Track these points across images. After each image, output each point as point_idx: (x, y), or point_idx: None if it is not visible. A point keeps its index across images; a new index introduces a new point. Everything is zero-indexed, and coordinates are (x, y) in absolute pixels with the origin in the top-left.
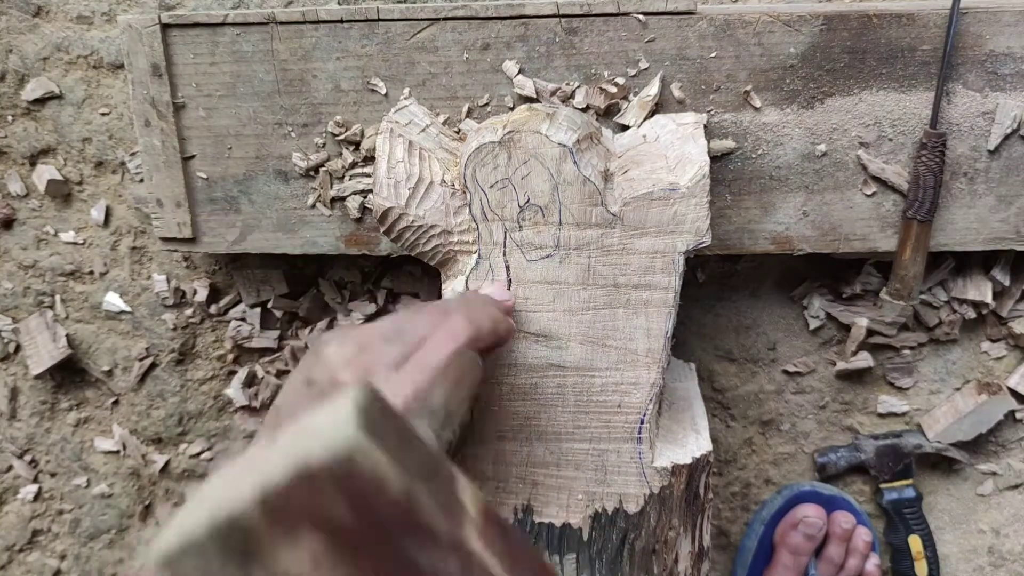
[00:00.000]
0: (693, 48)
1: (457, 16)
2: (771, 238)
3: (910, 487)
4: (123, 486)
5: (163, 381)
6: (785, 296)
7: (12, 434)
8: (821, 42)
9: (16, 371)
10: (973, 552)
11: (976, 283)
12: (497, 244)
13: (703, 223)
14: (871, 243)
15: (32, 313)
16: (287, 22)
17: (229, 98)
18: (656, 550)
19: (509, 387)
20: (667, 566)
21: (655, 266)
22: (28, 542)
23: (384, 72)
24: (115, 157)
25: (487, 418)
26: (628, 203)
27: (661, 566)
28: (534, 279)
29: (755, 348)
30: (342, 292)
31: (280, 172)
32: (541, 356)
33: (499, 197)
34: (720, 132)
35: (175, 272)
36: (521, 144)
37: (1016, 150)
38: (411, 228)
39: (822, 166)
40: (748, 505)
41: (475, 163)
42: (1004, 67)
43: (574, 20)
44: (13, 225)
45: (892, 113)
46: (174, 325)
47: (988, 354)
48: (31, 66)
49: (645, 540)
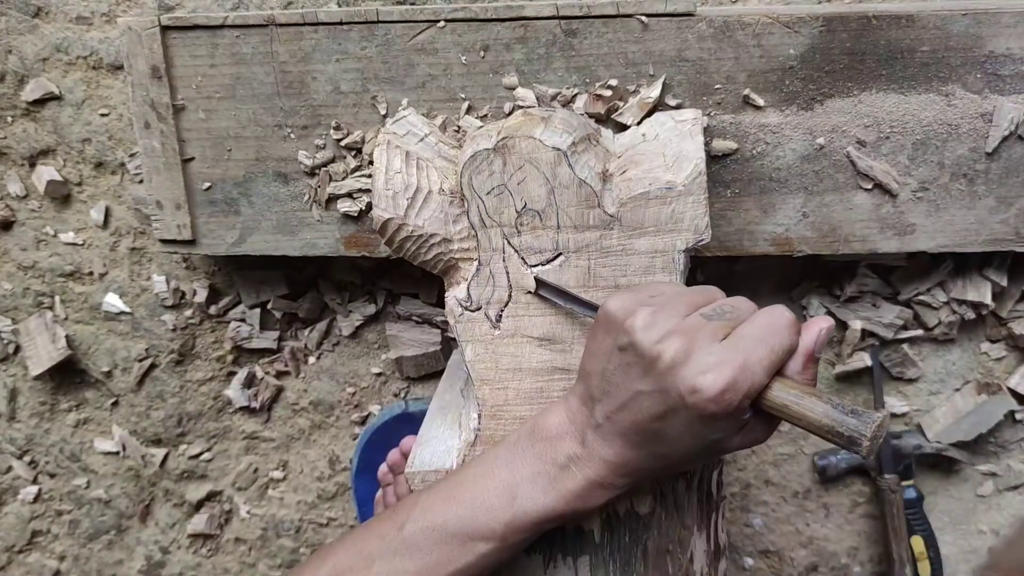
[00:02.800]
0: (692, 49)
1: (457, 18)
2: (771, 239)
3: (911, 488)
4: (123, 487)
5: (162, 382)
6: (784, 297)
7: (12, 435)
8: (820, 43)
9: (16, 372)
10: (973, 553)
11: (975, 284)
12: (497, 250)
13: (702, 220)
14: (871, 244)
15: (32, 314)
16: (286, 24)
17: (229, 100)
18: (670, 550)
19: (515, 392)
20: (682, 565)
21: (655, 266)
22: (28, 543)
23: (383, 74)
24: (115, 158)
25: (494, 424)
26: (625, 203)
27: (676, 566)
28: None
29: None
30: (342, 293)
31: (280, 174)
32: (546, 360)
33: (496, 203)
34: (720, 133)
35: (175, 273)
36: (515, 150)
37: (1015, 151)
38: (411, 238)
39: (821, 167)
40: (748, 506)
41: (471, 171)
42: (1003, 68)
43: (573, 22)
44: (12, 226)
45: (891, 114)
46: (174, 326)
47: (988, 354)
48: (31, 67)
49: (658, 540)
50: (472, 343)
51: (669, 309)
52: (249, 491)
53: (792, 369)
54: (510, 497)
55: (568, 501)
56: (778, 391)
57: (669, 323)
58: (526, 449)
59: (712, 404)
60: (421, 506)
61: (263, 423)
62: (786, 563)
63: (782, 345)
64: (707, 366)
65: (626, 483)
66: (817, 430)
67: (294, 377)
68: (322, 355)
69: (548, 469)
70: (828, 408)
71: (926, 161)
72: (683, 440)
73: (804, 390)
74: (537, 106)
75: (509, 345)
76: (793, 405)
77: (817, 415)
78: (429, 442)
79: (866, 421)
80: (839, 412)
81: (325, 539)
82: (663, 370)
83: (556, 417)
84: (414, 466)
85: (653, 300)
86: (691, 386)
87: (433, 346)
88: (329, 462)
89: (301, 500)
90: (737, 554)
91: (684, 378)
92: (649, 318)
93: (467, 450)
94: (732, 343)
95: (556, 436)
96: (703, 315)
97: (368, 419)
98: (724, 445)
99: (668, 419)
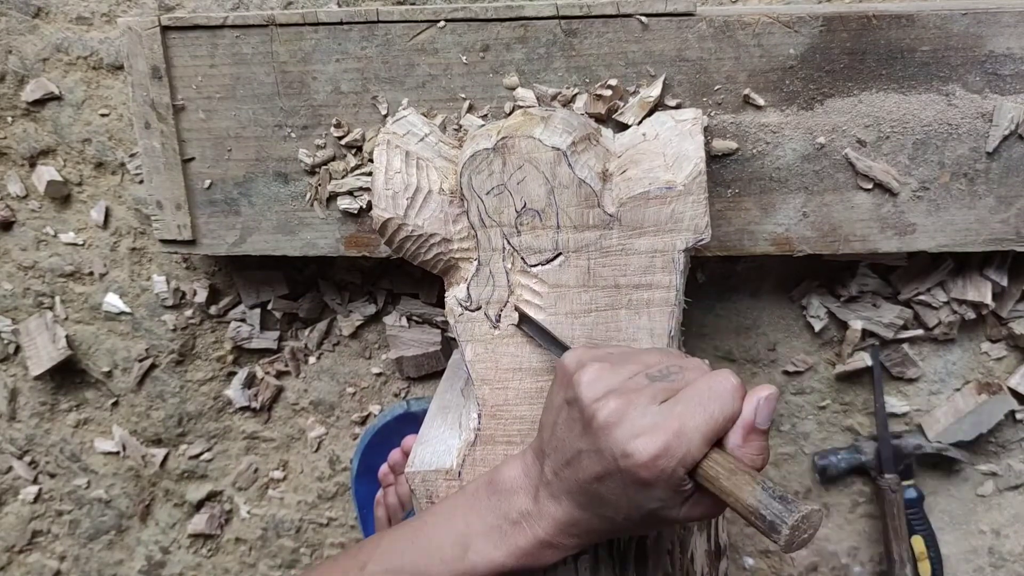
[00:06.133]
0: (692, 49)
1: (457, 18)
2: (771, 239)
3: (912, 487)
4: (123, 487)
5: (163, 382)
6: (784, 297)
7: (12, 435)
8: (820, 43)
9: (16, 372)
10: (973, 553)
11: (976, 284)
12: (496, 250)
13: (702, 220)
14: (871, 244)
15: (32, 314)
16: (287, 24)
17: (229, 100)
18: (671, 549)
19: (515, 392)
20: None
21: (655, 265)
22: (28, 543)
23: (384, 74)
24: (115, 158)
25: (494, 424)
26: (625, 203)
27: (677, 565)
28: (534, 283)
29: (755, 349)
30: (342, 293)
31: (280, 174)
32: (546, 360)
33: (496, 203)
34: (720, 133)
35: (175, 273)
36: (515, 149)
37: (1015, 151)
38: (411, 238)
39: (822, 167)
40: None
41: (470, 170)
42: (1004, 68)
43: (574, 22)
44: (13, 226)
45: (892, 114)
46: (174, 326)
47: (988, 354)
48: (31, 67)
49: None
50: (472, 343)
51: (618, 367)
52: (249, 491)
53: (732, 442)
54: (463, 549)
55: (518, 558)
56: (711, 463)
57: (612, 381)
58: (482, 501)
59: (643, 470)
60: (383, 548)
61: (263, 423)
62: (786, 563)
63: (723, 412)
64: (641, 429)
65: (576, 543)
66: (741, 510)
67: (294, 377)
68: (322, 355)
69: (501, 524)
70: (757, 489)
71: (926, 161)
72: (621, 505)
73: (737, 465)
74: (537, 106)
75: (509, 345)
76: (723, 479)
77: (742, 495)
78: (429, 442)
79: (791, 510)
80: (766, 495)
81: (325, 539)
82: (597, 430)
83: (513, 471)
84: (414, 466)
85: (608, 357)
86: (623, 450)
87: (433, 346)
88: (329, 462)
89: (301, 500)
90: (737, 554)
91: (616, 440)
92: (595, 374)
93: (467, 450)
94: (669, 407)
95: (511, 490)
96: (648, 375)
97: (368, 419)
98: (667, 515)
99: (605, 481)
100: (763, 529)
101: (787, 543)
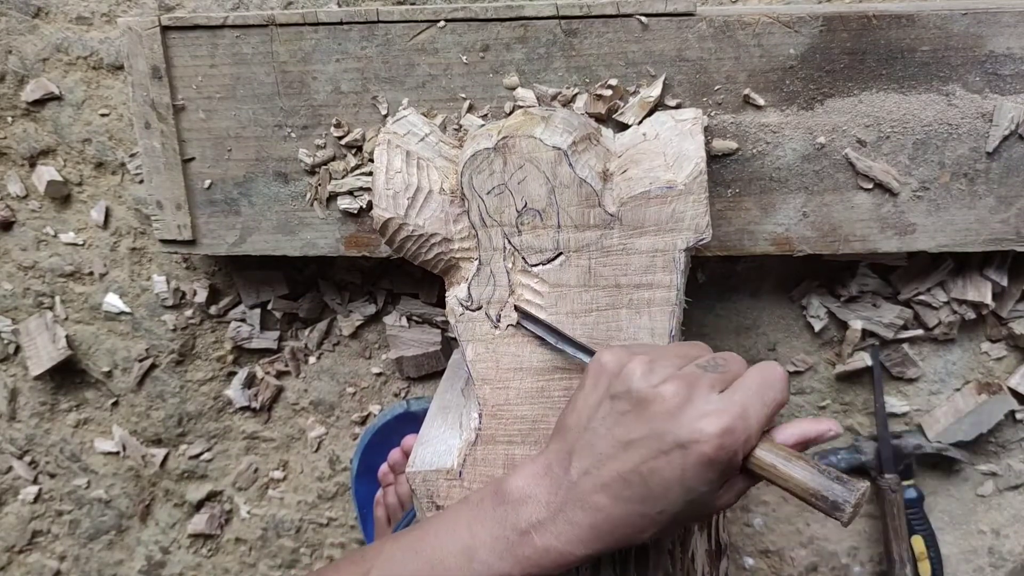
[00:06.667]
0: (692, 49)
1: (457, 18)
2: (771, 239)
3: (912, 487)
4: (123, 487)
5: (163, 382)
6: (784, 297)
7: (12, 435)
8: (820, 43)
9: (16, 372)
10: (973, 553)
11: (976, 284)
12: (497, 250)
13: (702, 220)
14: (871, 244)
15: (32, 314)
16: (287, 24)
17: (229, 100)
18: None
19: (516, 391)
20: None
21: (656, 265)
22: (28, 543)
23: (384, 74)
24: (115, 158)
25: (495, 423)
26: (626, 203)
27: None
28: (535, 283)
29: (755, 349)
30: (342, 293)
31: (280, 174)
32: (547, 359)
33: (496, 203)
34: (720, 133)
35: (175, 273)
36: (516, 149)
37: (1015, 151)
38: (412, 238)
39: (822, 167)
40: (748, 506)
41: (471, 170)
42: (1004, 68)
43: (574, 22)
44: (13, 226)
45: (892, 114)
46: (174, 326)
47: (988, 354)
48: (31, 67)
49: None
50: (473, 342)
51: (665, 360)
52: (249, 491)
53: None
54: (467, 560)
55: (524, 568)
56: (766, 451)
57: (667, 371)
58: (488, 511)
59: (710, 448)
60: (385, 555)
61: (263, 423)
62: (786, 563)
63: (775, 399)
64: (706, 412)
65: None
66: (802, 493)
67: (294, 377)
68: (322, 355)
69: (508, 534)
70: (814, 473)
71: (926, 161)
72: (670, 492)
73: (791, 453)
74: (537, 106)
75: (510, 344)
76: (780, 466)
77: (803, 479)
78: (430, 442)
79: (851, 489)
80: (825, 478)
81: (325, 539)
82: (662, 413)
83: (521, 480)
84: (415, 466)
85: (647, 351)
86: (691, 429)
87: (433, 346)
88: (329, 462)
89: (301, 500)
90: (737, 554)
91: (684, 422)
92: (646, 366)
93: (468, 449)
94: (729, 394)
95: (519, 500)
96: (699, 366)
97: (368, 419)
98: (708, 502)
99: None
100: (825, 509)
101: (849, 519)
